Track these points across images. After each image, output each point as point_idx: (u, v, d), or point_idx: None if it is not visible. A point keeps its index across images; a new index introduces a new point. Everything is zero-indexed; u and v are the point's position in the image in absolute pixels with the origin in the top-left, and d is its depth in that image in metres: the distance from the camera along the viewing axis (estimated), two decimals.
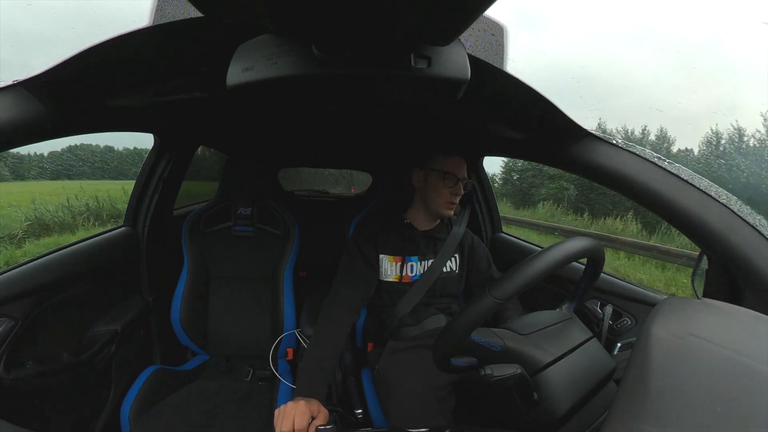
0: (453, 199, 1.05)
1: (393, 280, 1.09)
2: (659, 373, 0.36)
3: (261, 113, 1.32)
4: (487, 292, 0.53)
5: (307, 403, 0.74)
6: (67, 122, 0.69)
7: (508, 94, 0.68)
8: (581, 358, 0.64)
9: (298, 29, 0.41)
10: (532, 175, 13.45)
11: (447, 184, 1.04)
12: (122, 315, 1.13)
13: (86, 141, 12.27)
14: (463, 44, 0.45)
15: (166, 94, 0.78)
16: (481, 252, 1.19)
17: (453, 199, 1.05)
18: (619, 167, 0.73)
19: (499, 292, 0.53)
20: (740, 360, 0.36)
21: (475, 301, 0.55)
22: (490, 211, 1.62)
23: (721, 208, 0.64)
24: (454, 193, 1.05)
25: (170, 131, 1.25)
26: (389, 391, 0.95)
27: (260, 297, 1.41)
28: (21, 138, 0.61)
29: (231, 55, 0.46)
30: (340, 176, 3.74)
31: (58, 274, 0.93)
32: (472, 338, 0.58)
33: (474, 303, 0.55)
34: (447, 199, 1.05)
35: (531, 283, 0.53)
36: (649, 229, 8.05)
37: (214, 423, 1.05)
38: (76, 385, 0.97)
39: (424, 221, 1.13)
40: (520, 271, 0.54)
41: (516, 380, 0.57)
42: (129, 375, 1.14)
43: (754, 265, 0.60)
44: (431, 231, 1.13)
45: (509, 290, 0.52)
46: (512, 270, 0.55)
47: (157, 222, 1.31)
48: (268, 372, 1.25)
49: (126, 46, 0.53)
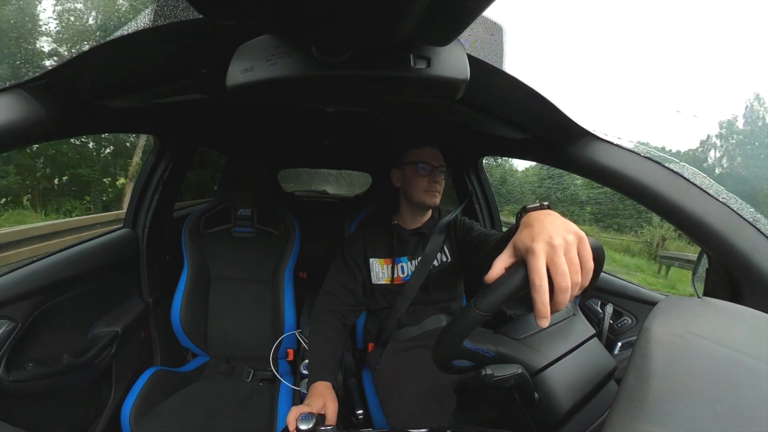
0: (432, 186, 1.05)
1: (385, 283, 1.09)
2: (660, 373, 0.36)
3: (261, 114, 1.33)
4: (472, 305, 0.52)
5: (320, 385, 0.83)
6: (66, 124, 0.69)
7: (508, 94, 0.68)
8: (582, 358, 0.64)
9: (298, 30, 0.41)
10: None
11: (422, 173, 1.04)
12: (122, 316, 1.13)
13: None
14: (463, 44, 0.45)
15: (166, 95, 0.78)
16: (469, 223, 1.15)
17: (432, 186, 1.05)
18: (619, 166, 0.73)
19: (483, 304, 0.50)
20: (741, 359, 0.36)
21: (461, 313, 0.54)
22: (490, 211, 1.62)
23: (721, 207, 0.64)
24: (433, 180, 1.05)
25: (170, 132, 1.25)
26: (390, 392, 0.95)
27: (260, 298, 1.40)
28: (21, 139, 0.61)
29: (230, 56, 0.46)
30: (339, 176, 3.74)
31: (58, 276, 0.93)
32: (465, 345, 0.58)
33: (461, 315, 0.54)
34: (425, 187, 1.05)
35: (518, 292, 0.50)
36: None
37: (215, 424, 1.05)
38: (77, 386, 0.97)
39: (412, 219, 1.12)
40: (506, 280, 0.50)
41: (516, 380, 0.57)
42: (129, 376, 1.14)
43: (754, 263, 0.60)
44: (420, 228, 1.12)
45: (493, 302, 0.50)
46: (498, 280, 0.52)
47: (157, 223, 1.31)
48: (268, 373, 1.25)
49: (125, 47, 0.53)
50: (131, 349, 1.18)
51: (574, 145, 0.78)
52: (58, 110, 0.62)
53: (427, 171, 1.04)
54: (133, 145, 9.91)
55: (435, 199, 1.07)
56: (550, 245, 0.46)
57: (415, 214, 1.12)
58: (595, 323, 1.05)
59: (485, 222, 1.61)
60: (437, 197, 1.07)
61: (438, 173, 1.05)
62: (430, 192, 1.05)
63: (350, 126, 1.46)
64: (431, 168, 1.04)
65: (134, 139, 9.78)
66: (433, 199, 1.07)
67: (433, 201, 1.07)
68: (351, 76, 0.45)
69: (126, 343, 1.13)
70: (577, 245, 0.47)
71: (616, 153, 0.74)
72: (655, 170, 0.70)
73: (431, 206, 1.10)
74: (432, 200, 1.07)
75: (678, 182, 0.68)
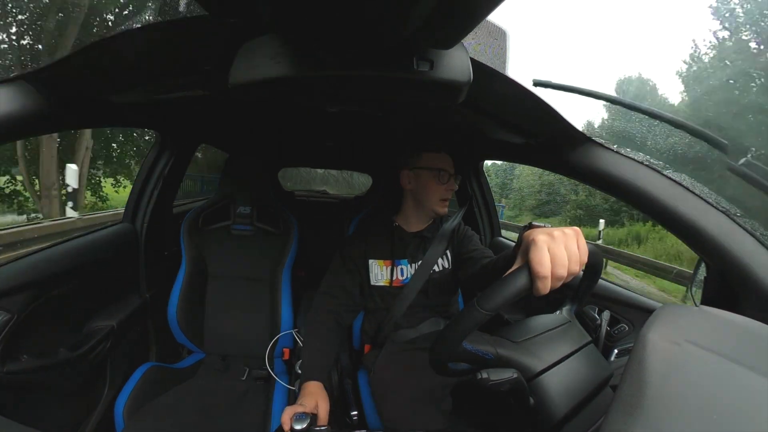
0: (447, 195, 1.05)
1: (384, 285, 1.09)
2: (655, 381, 0.36)
3: (262, 112, 1.33)
4: (476, 304, 0.52)
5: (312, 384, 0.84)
6: (68, 117, 0.69)
7: (509, 98, 0.68)
8: (578, 364, 0.64)
9: (302, 29, 0.41)
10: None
11: (441, 181, 1.03)
12: (119, 311, 1.13)
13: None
14: (466, 48, 0.45)
15: (169, 91, 0.78)
16: (469, 235, 1.14)
17: (447, 195, 1.05)
18: (619, 173, 0.73)
19: (487, 303, 0.51)
20: (737, 368, 0.36)
21: (464, 312, 0.54)
22: (489, 214, 1.62)
23: (720, 216, 0.64)
24: (449, 189, 1.04)
25: (172, 128, 1.25)
26: (385, 394, 0.94)
27: (258, 296, 1.40)
28: (23, 131, 0.61)
29: (234, 53, 0.46)
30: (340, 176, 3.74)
31: (55, 269, 0.92)
32: (464, 347, 0.58)
33: (463, 314, 0.54)
34: (442, 196, 1.04)
35: (522, 292, 0.50)
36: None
37: (209, 422, 1.04)
38: (71, 380, 0.96)
39: (415, 222, 1.11)
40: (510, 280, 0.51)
41: (512, 385, 0.57)
42: (124, 371, 1.14)
43: (752, 273, 0.61)
44: (421, 231, 1.11)
45: (498, 301, 0.51)
46: (502, 279, 0.53)
47: (156, 219, 1.31)
48: (264, 371, 1.25)
49: (130, 42, 0.53)
50: (127, 344, 1.18)
51: (574, 151, 0.78)
52: (59, 103, 0.62)
53: (445, 179, 1.03)
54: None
55: (446, 209, 1.07)
56: (550, 236, 0.50)
57: (421, 217, 1.11)
58: (592, 330, 1.05)
59: (484, 226, 1.61)
60: (447, 206, 1.07)
61: (452, 182, 1.05)
62: (444, 202, 1.05)
63: (352, 126, 1.46)
64: (448, 176, 1.04)
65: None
66: (445, 209, 1.07)
67: (445, 210, 1.07)
68: (354, 76, 0.46)
69: (122, 338, 1.12)
70: (576, 238, 0.51)
71: (616, 160, 0.74)
72: (654, 178, 0.70)
73: (442, 215, 1.09)
74: (444, 209, 1.07)
75: (677, 190, 0.68)
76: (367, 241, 1.10)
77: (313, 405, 0.78)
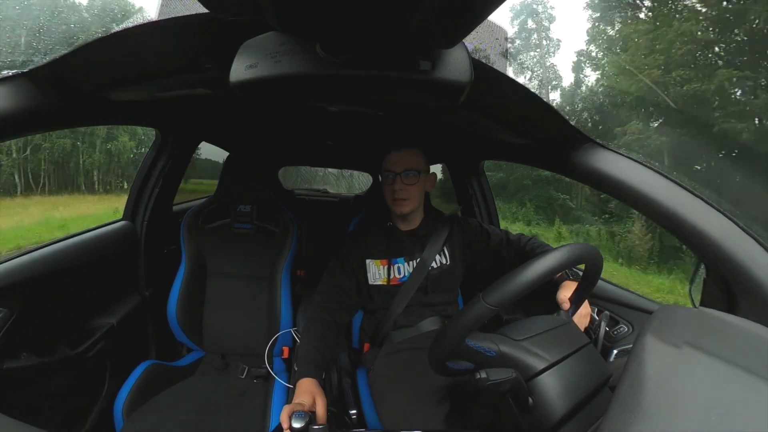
0: (399, 194, 1.02)
1: (381, 284, 1.09)
2: (654, 382, 0.36)
3: (263, 111, 1.32)
4: (481, 299, 0.52)
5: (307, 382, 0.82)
6: (69, 114, 0.69)
7: (510, 99, 0.68)
8: (577, 365, 0.64)
9: (303, 28, 0.41)
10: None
11: (387, 182, 1.04)
12: (118, 309, 1.13)
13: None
14: (467, 48, 0.45)
15: (169, 89, 0.78)
16: (484, 230, 1.13)
17: (399, 194, 1.02)
18: (620, 175, 0.73)
19: (493, 298, 0.51)
20: (735, 370, 0.36)
21: (469, 307, 0.55)
22: (489, 214, 1.62)
23: (721, 218, 0.64)
24: (398, 188, 1.02)
25: (172, 127, 1.25)
26: (384, 393, 0.94)
27: (257, 295, 1.40)
28: (23, 128, 0.61)
29: (235, 52, 0.46)
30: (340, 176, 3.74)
31: (55, 266, 0.92)
32: (467, 343, 0.58)
33: (468, 309, 0.54)
34: (392, 196, 1.04)
35: (527, 289, 0.52)
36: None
37: (208, 420, 1.04)
38: (70, 377, 0.96)
39: (402, 222, 1.12)
40: (516, 276, 0.53)
41: (511, 385, 0.57)
42: (123, 369, 1.14)
43: (751, 275, 0.61)
44: (415, 230, 1.11)
45: (504, 296, 0.51)
46: (508, 276, 0.54)
47: (156, 217, 1.31)
48: (263, 370, 1.25)
49: (130, 40, 0.53)
50: (126, 341, 1.18)
51: (575, 152, 0.78)
52: (60, 100, 0.62)
53: (390, 180, 1.03)
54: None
55: (402, 207, 1.04)
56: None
57: (398, 218, 1.11)
58: (592, 330, 1.05)
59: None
60: (404, 205, 1.03)
61: (403, 178, 1.02)
62: (397, 201, 1.03)
63: (353, 126, 1.46)
64: (393, 175, 1.03)
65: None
66: (400, 208, 1.04)
67: (400, 210, 1.04)
68: (354, 75, 0.46)
69: (121, 335, 1.12)
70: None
71: (617, 161, 0.74)
72: (654, 179, 0.70)
73: (399, 215, 1.07)
74: (398, 209, 1.04)
75: (677, 192, 0.68)
76: (363, 240, 1.11)
77: (311, 402, 0.78)
